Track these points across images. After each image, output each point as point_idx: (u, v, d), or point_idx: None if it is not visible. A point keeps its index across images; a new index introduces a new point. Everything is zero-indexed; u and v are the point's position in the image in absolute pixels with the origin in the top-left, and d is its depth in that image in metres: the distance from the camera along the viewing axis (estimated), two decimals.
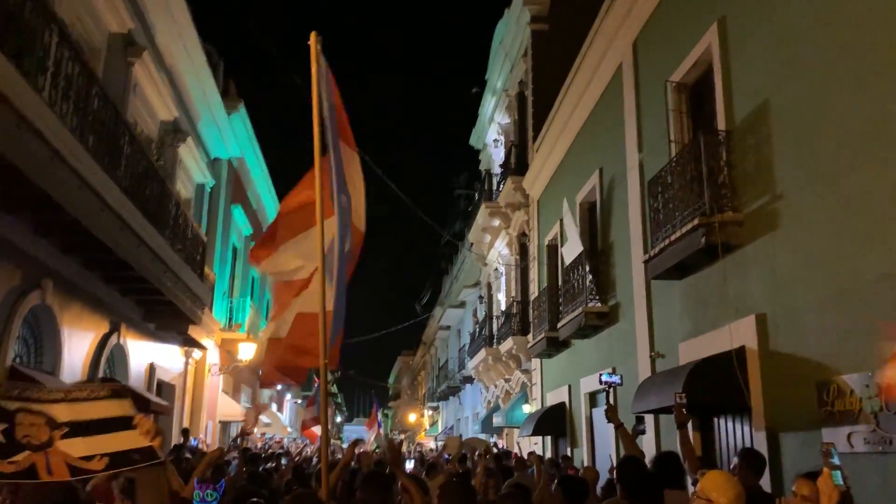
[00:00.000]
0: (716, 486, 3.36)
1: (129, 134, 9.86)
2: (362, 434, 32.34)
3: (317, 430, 16.45)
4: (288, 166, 34.35)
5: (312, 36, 4.32)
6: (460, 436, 13.88)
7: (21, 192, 7.22)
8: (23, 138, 6.48)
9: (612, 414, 6.13)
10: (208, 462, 4.63)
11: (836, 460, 3.13)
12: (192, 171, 17.11)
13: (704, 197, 7.43)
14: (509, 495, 4.60)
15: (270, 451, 18.04)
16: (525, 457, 10.46)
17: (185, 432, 15.41)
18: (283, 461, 12.31)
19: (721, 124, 7.79)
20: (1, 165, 6.40)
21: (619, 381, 6.93)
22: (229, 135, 19.03)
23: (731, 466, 5.45)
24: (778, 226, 6.66)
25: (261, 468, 9.87)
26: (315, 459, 13.06)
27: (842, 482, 3.07)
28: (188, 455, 12.99)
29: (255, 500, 4.93)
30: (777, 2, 6.89)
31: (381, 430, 24.43)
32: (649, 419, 9.09)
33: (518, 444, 15.65)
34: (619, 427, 6.09)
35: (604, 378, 6.82)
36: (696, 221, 7.44)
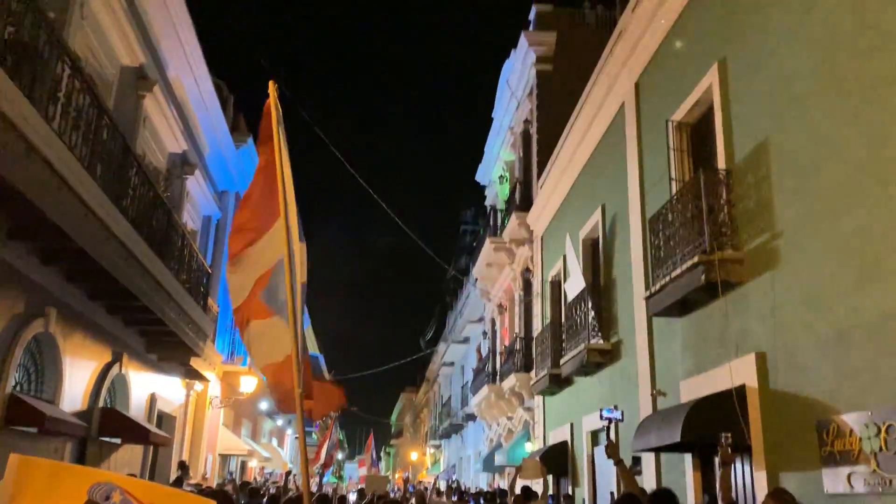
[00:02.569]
0: None
1: (137, 165, 10.00)
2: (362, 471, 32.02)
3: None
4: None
5: (271, 85, 4.49)
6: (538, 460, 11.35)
7: (28, 220, 7.32)
8: (31, 166, 6.58)
9: (611, 450, 6.10)
10: None
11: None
12: (199, 203, 17.26)
13: (704, 234, 7.48)
14: None
15: (268, 484, 17.89)
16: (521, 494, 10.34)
17: (183, 465, 15.27)
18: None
19: (721, 163, 7.87)
20: (9, 193, 6.50)
21: (619, 417, 6.90)
22: (237, 168, 19.23)
23: None
24: (778, 264, 6.68)
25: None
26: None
27: None
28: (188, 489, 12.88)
29: None
30: (776, 44, 7.01)
31: (377, 468, 24.29)
32: (649, 457, 9.01)
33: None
34: (618, 463, 6.05)
35: (605, 413, 6.80)
36: (696, 259, 7.47)
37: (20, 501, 1.85)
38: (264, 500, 11.57)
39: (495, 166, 24.34)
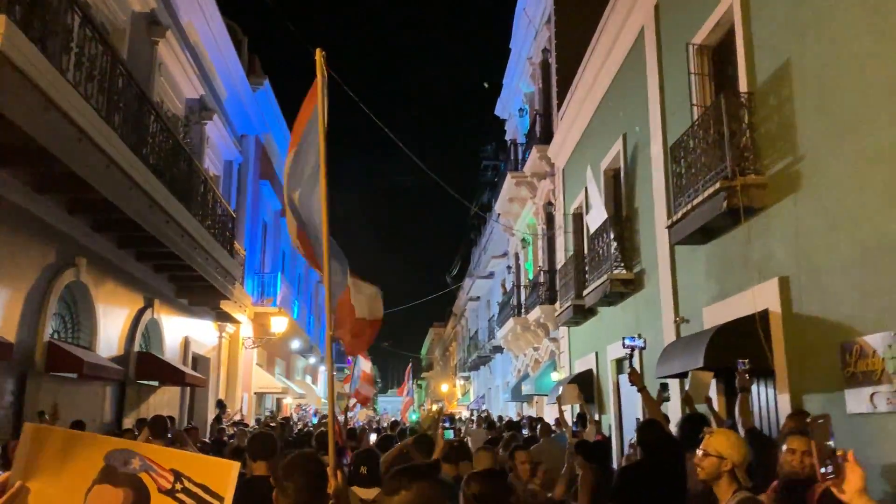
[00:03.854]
0: (730, 444, 3.44)
1: (154, 112, 10.02)
2: (397, 404, 32.78)
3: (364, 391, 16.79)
4: None
5: (318, 53, 4.18)
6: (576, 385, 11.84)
7: (51, 173, 7.43)
8: (50, 120, 6.64)
9: (634, 377, 6.18)
10: None
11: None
12: (219, 148, 17.32)
13: (726, 160, 7.36)
14: None
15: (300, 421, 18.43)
16: (551, 423, 10.56)
17: (221, 404, 15.77)
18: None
19: (743, 86, 7.68)
20: (30, 147, 6.58)
21: (642, 345, 6.96)
22: (255, 111, 19.19)
23: (781, 427, 5.50)
24: (800, 187, 6.59)
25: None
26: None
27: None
28: (224, 426, 13.34)
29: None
30: None
31: (412, 397, 24.71)
32: (673, 383, 9.12)
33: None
34: (641, 390, 6.14)
35: (627, 342, 6.85)
36: (718, 185, 7.38)
37: (35, 470, 1.85)
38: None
39: (515, 99, 23.98)
